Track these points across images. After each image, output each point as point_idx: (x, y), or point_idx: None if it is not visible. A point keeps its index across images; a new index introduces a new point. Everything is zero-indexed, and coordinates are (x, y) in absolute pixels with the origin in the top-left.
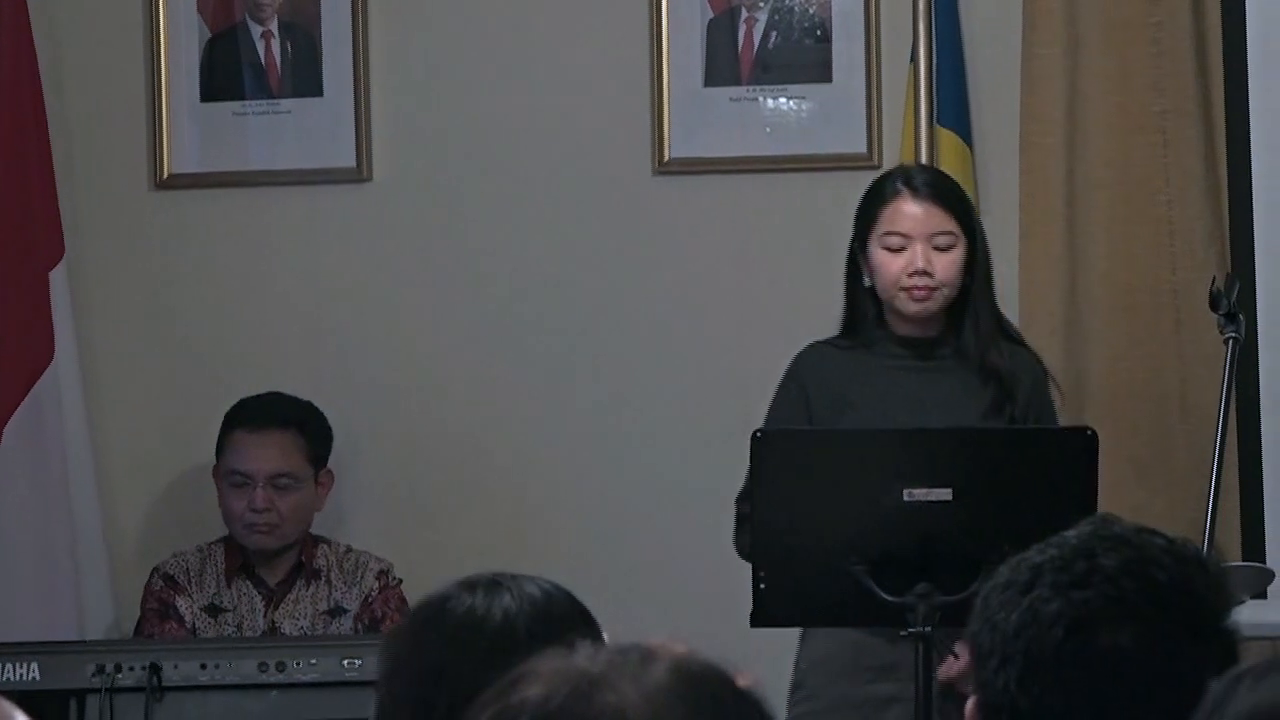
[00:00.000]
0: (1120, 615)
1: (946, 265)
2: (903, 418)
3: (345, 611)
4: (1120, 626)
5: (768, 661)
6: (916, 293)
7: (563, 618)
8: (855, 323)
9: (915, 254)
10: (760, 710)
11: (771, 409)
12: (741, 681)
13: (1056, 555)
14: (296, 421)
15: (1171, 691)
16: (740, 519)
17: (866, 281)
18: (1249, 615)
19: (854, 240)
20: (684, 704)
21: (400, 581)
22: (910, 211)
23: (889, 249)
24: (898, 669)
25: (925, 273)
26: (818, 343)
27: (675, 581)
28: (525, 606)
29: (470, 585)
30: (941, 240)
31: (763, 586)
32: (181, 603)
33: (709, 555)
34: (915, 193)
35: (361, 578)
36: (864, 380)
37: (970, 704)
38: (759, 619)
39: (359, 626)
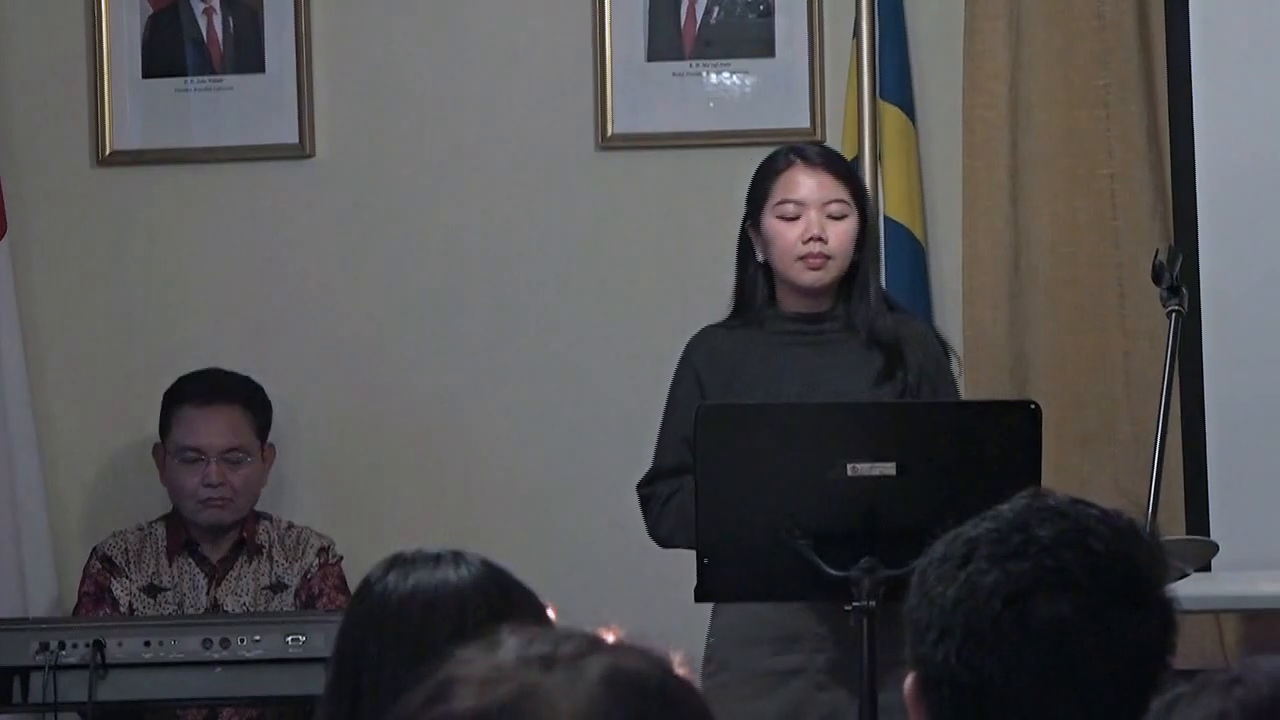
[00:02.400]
0: (1058, 585)
1: (840, 234)
2: (794, 392)
3: (287, 587)
4: (1058, 596)
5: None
6: (812, 261)
7: (465, 604)
8: (745, 303)
9: (810, 221)
10: (694, 703)
11: (670, 398)
12: (679, 668)
13: (992, 528)
14: (242, 396)
15: (1110, 659)
16: (645, 500)
17: (760, 257)
18: (1192, 589)
19: (745, 219)
20: (617, 716)
21: (340, 559)
22: (804, 180)
23: (784, 218)
24: (802, 640)
25: (820, 239)
26: (708, 327)
27: (618, 556)
28: (425, 587)
29: (389, 563)
30: (835, 208)
31: (706, 561)
32: (117, 586)
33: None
34: (808, 162)
35: (303, 554)
36: (756, 357)
37: (909, 680)
38: (702, 594)
39: (298, 602)
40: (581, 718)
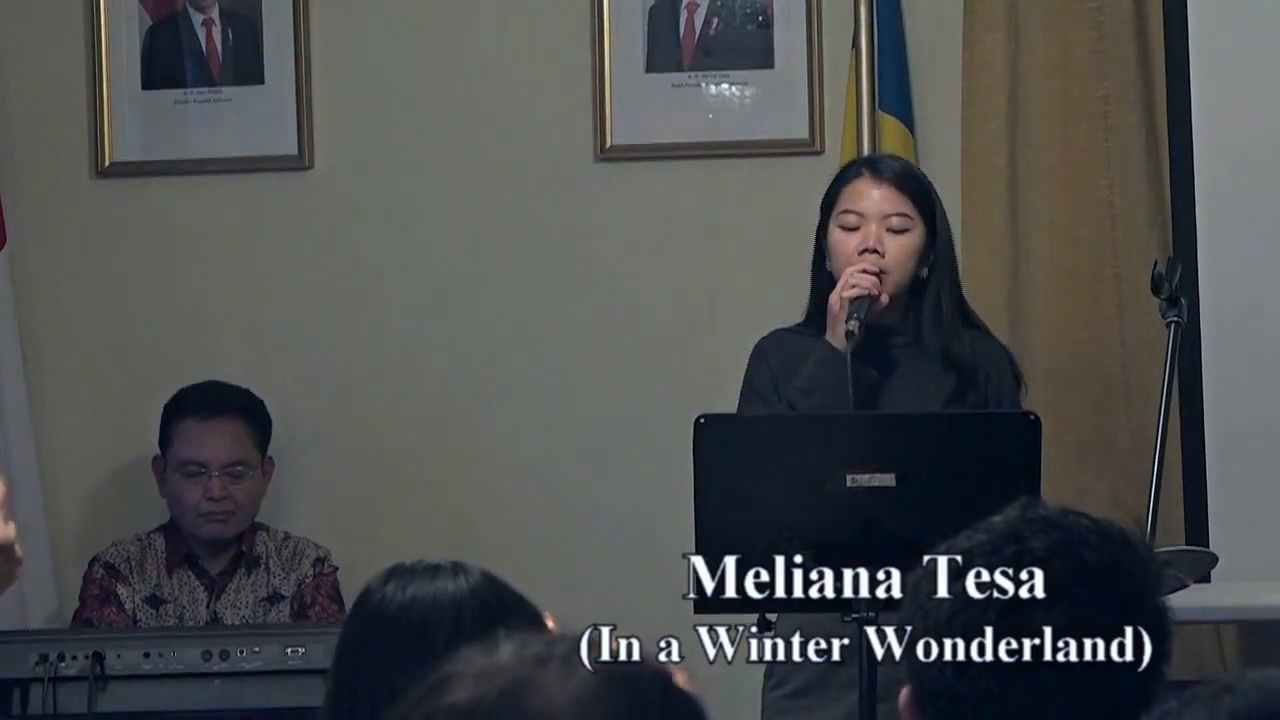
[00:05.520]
0: (1052, 597)
1: (898, 248)
2: (858, 403)
3: (283, 598)
4: (1052, 608)
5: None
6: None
7: (461, 613)
8: (817, 310)
9: (868, 232)
10: (691, 707)
11: (746, 384)
12: (678, 679)
13: (985, 540)
14: (243, 409)
15: (1106, 670)
16: None
17: (828, 265)
18: (1192, 599)
19: (819, 227)
20: (612, 704)
21: (336, 570)
22: (867, 191)
23: (844, 228)
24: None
25: (874, 250)
26: (779, 329)
27: (619, 568)
28: (422, 597)
29: (389, 574)
30: (896, 222)
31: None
32: (123, 591)
33: (651, 540)
34: (876, 175)
35: (299, 564)
36: None
37: (904, 693)
38: (701, 605)
39: (292, 612)
40: (577, 705)
